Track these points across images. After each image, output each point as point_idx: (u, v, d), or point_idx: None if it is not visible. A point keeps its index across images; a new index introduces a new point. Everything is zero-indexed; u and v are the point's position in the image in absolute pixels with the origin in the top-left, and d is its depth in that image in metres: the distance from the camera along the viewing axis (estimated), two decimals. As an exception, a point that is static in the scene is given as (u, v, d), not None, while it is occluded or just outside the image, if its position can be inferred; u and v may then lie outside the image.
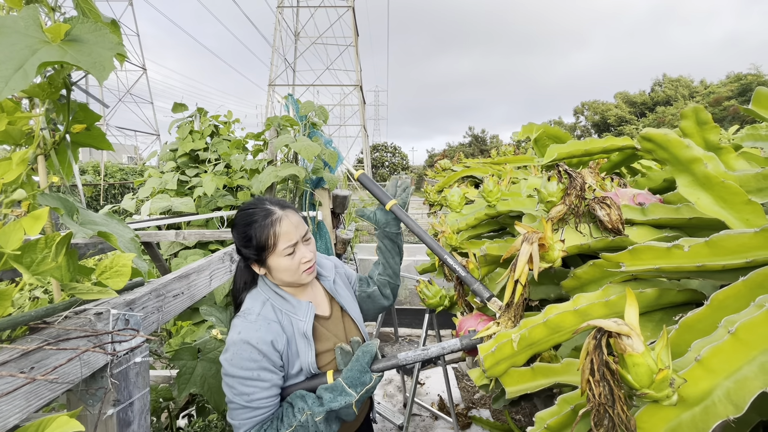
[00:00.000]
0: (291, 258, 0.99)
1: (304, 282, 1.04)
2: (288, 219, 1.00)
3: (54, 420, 0.50)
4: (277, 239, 0.97)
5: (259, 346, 0.93)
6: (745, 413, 0.43)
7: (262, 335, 0.94)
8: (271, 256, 0.98)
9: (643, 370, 0.44)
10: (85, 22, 0.67)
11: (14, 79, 0.56)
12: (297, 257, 1.00)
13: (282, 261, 0.98)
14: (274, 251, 0.98)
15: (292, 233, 0.99)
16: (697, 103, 2.72)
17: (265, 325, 0.96)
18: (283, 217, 0.99)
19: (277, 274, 1.01)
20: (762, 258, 0.54)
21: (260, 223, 0.98)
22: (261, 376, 0.93)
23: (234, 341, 0.94)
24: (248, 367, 0.92)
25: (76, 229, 0.70)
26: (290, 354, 0.98)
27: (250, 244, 0.98)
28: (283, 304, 1.02)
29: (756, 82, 26.91)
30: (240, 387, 0.92)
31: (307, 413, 0.89)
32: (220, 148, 2.95)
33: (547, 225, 0.74)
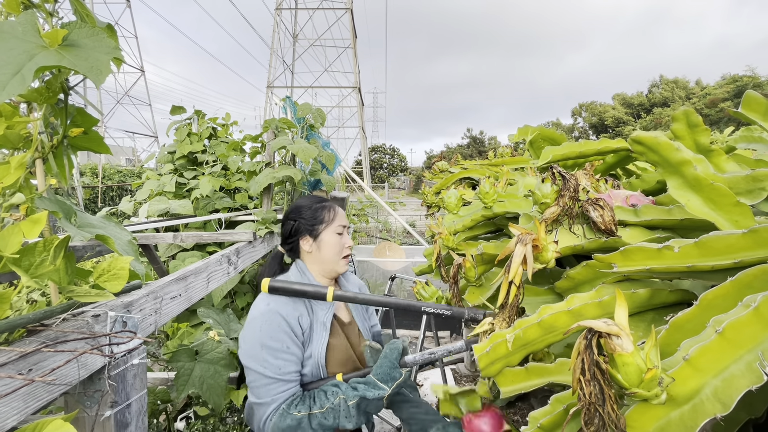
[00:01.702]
0: (339, 238, 1.15)
1: (339, 268, 1.16)
2: (340, 210, 1.21)
3: (49, 423, 0.50)
4: (334, 217, 1.17)
5: (288, 318, 1.00)
6: (733, 411, 0.44)
7: (290, 310, 1.02)
8: (326, 230, 1.14)
9: (632, 369, 0.45)
10: (83, 27, 0.67)
11: (12, 83, 0.57)
12: (343, 239, 1.16)
13: (333, 237, 1.14)
14: (330, 225, 1.15)
15: (343, 219, 1.19)
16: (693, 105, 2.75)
17: (292, 301, 1.04)
18: (337, 207, 1.20)
19: (324, 249, 1.14)
20: (750, 259, 0.55)
21: (320, 204, 1.18)
22: (290, 348, 0.99)
23: (262, 311, 1.00)
24: (279, 338, 0.97)
25: (74, 232, 0.71)
26: (307, 337, 1.04)
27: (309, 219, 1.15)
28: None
29: (751, 83, 27.05)
30: (271, 359, 0.96)
31: (341, 397, 0.92)
32: (217, 150, 2.95)
33: (541, 226, 0.75)
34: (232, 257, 1.64)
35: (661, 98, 35.71)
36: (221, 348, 1.32)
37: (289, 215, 1.19)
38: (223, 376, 1.25)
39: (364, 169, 28.68)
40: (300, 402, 0.94)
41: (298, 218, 1.17)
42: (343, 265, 1.17)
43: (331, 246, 1.14)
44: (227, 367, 1.27)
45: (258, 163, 2.76)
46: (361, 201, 10.51)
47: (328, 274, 1.16)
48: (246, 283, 2.55)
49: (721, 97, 28.08)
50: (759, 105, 0.82)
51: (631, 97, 38.54)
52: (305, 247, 1.15)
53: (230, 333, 1.67)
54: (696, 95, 32.58)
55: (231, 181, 2.89)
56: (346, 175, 6.54)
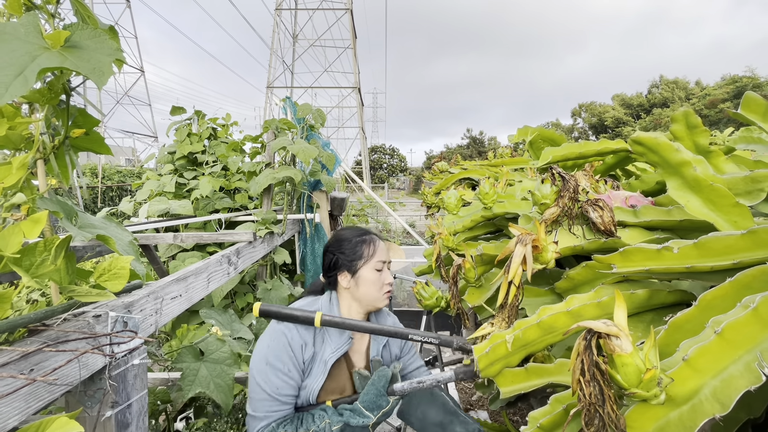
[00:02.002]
0: (379, 275, 1.11)
1: (379, 304, 1.13)
2: (382, 243, 1.16)
3: (54, 421, 0.50)
4: (374, 252, 1.12)
5: (292, 342, 1.01)
6: (732, 411, 0.44)
7: (295, 335, 1.02)
8: (364, 266, 1.11)
9: (631, 369, 0.45)
10: (84, 29, 0.68)
11: (14, 85, 0.57)
12: (383, 276, 1.12)
13: (372, 274, 1.10)
14: (369, 261, 1.11)
15: (384, 253, 1.14)
16: (692, 105, 2.75)
17: (304, 328, 1.04)
18: (378, 240, 1.16)
19: (363, 287, 1.10)
20: (748, 259, 0.56)
21: (361, 238, 1.14)
22: (291, 372, 1.00)
23: (274, 328, 1.03)
24: (282, 359, 0.99)
25: (75, 232, 0.71)
26: (308, 367, 1.04)
27: (348, 254, 1.11)
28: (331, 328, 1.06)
29: (751, 84, 27.06)
30: (272, 377, 0.98)
31: (327, 421, 0.94)
32: (217, 150, 2.95)
33: (540, 227, 0.75)
34: (233, 257, 1.65)
35: (661, 99, 35.72)
36: (225, 348, 1.32)
37: (328, 248, 1.16)
38: (229, 375, 1.25)
39: (364, 170, 28.69)
40: (288, 423, 0.97)
41: (337, 252, 1.13)
42: (383, 300, 1.13)
43: (370, 283, 1.10)
44: (233, 366, 1.27)
45: (258, 163, 2.77)
46: (361, 201, 10.52)
47: (365, 309, 1.13)
48: (246, 283, 2.55)
49: (720, 97, 28.09)
50: (758, 106, 0.82)
51: (630, 97, 38.55)
52: (343, 283, 1.12)
53: (233, 333, 1.67)
54: (696, 96, 32.61)
55: (231, 182, 2.89)
56: (346, 175, 6.54)
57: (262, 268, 2.51)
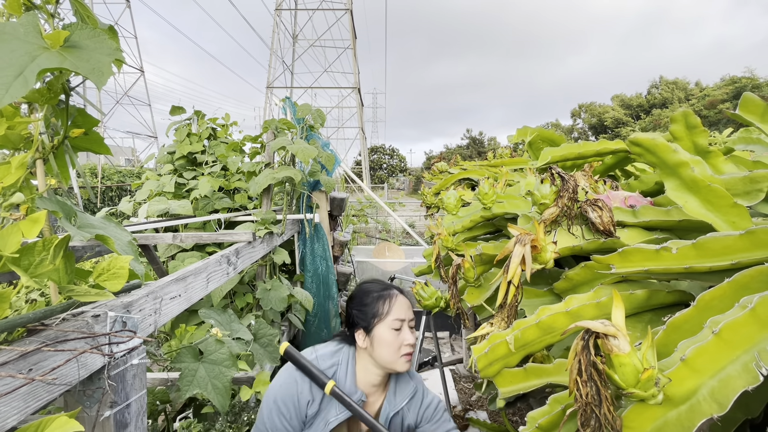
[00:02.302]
0: (396, 334, 1.03)
1: (398, 368, 1.04)
2: (402, 298, 1.08)
3: (53, 420, 0.50)
4: (390, 309, 1.04)
5: (300, 395, 1.02)
6: (730, 412, 0.45)
7: (305, 389, 1.03)
8: (379, 325, 1.04)
9: (629, 369, 0.45)
10: (84, 29, 0.68)
11: (14, 85, 0.57)
12: (401, 336, 1.04)
13: (388, 334, 1.03)
14: (385, 320, 1.04)
15: (403, 310, 1.06)
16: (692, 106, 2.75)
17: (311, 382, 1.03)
18: (398, 295, 1.08)
19: (378, 348, 1.03)
20: (747, 260, 0.56)
21: (378, 293, 1.07)
22: (292, 420, 1.02)
23: (290, 373, 1.04)
24: (287, 405, 1.01)
25: (74, 232, 0.71)
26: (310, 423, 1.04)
27: (366, 309, 1.05)
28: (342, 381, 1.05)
29: (750, 84, 27.08)
30: (275, 416, 1.01)
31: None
32: (217, 150, 2.95)
33: (539, 227, 0.75)
34: (232, 258, 1.65)
35: (661, 99, 35.75)
36: (224, 349, 1.32)
37: (348, 301, 1.12)
38: (227, 376, 1.25)
39: (364, 170, 28.69)
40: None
41: (354, 308, 1.09)
42: (402, 363, 1.04)
43: (386, 344, 1.02)
44: (231, 368, 1.27)
45: (257, 163, 2.77)
46: (361, 201, 10.52)
47: (382, 371, 1.07)
48: (245, 283, 2.55)
49: (720, 98, 28.11)
50: (756, 107, 0.82)
51: (630, 98, 38.58)
52: (359, 342, 1.08)
53: (233, 333, 1.67)
54: (695, 96, 32.63)
55: (230, 182, 2.89)
56: (346, 175, 6.54)
57: (262, 269, 2.51)
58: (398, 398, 1.11)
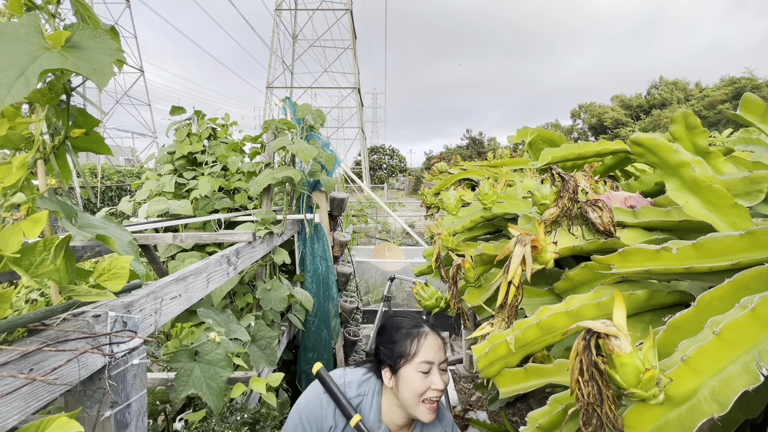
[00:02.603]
0: (423, 378, 0.96)
1: (419, 415, 0.96)
2: (433, 338, 1.02)
3: (54, 420, 0.50)
4: (418, 350, 0.98)
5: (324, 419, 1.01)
6: (730, 412, 0.45)
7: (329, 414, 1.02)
8: (406, 366, 0.97)
9: (630, 370, 0.45)
10: (85, 29, 0.68)
11: (16, 86, 0.57)
12: (429, 380, 0.96)
13: (414, 376, 0.96)
14: (412, 361, 0.97)
15: (433, 352, 0.99)
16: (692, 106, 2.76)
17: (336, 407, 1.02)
18: (429, 334, 1.02)
19: (403, 390, 0.97)
20: (747, 260, 0.56)
21: (407, 330, 1.01)
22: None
23: (317, 393, 1.05)
24: (309, 421, 1.03)
25: (75, 232, 0.71)
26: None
27: (393, 347, 1.00)
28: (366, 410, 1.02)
29: (750, 85, 27.10)
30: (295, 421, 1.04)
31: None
32: (217, 150, 2.95)
33: (540, 227, 0.75)
34: (232, 258, 1.65)
35: (660, 100, 35.77)
36: (220, 350, 1.32)
37: (378, 335, 1.07)
38: (222, 377, 1.25)
39: (364, 170, 28.68)
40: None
41: (382, 344, 1.04)
42: (424, 412, 0.96)
43: (410, 387, 0.96)
44: (226, 369, 1.27)
45: (258, 163, 2.77)
46: (361, 202, 10.52)
47: (406, 414, 1.00)
48: (245, 283, 2.55)
49: (719, 98, 28.13)
50: (757, 107, 0.82)
51: (630, 98, 38.60)
52: (385, 380, 1.03)
53: (230, 333, 1.67)
54: (695, 97, 32.65)
55: (230, 182, 2.89)
56: (346, 175, 6.54)
57: (262, 269, 2.51)
58: None
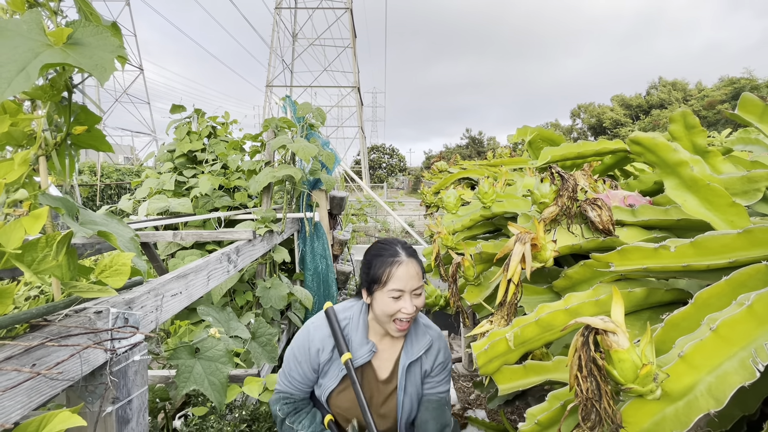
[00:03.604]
0: (394, 302, 1.04)
1: (391, 332, 1.09)
2: (408, 266, 1.06)
3: (56, 415, 0.51)
4: (390, 278, 1.04)
5: (311, 344, 1.12)
6: (727, 408, 0.45)
7: (317, 339, 1.12)
8: (379, 291, 1.06)
9: (628, 365, 0.46)
10: (87, 26, 0.68)
11: (17, 80, 0.57)
12: (399, 304, 1.04)
13: (385, 300, 1.05)
14: (384, 288, 1.05)
15: (406, 280, 1.04)
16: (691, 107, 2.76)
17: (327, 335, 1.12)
18: (404, 263, 1.06)
19: (377, 309, 1.08)
20: (744, 258, 0.56)
21: (384, 258, 1.07)
22: (302, 365, 1.13)
23: (307, 326, 1.17)
24: (301, 352, 1.14)
25: (77, 228, 0.71)
26: (325, 370, 1.14)
27: (369, 273, 1.08)
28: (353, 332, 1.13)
29: (749, 85, 27.13)
30: (290, 359, 1.15)
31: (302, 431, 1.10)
32: (217, 148, 2.95)
33: (539, 225, 0.75)
34: (232, 256, 1.65)
35: (659, 100, 35.78)
36: (221, 345, 1.32)
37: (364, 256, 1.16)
38: (223, 372, 1.25)
39: (363, 169, 28.66)
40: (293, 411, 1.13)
41: (363, 267, 1.13)
42: (393, 329, 1.07)
43: (381, 309, 1.06)
44: (227, 365, 1.28)
45: (258, 162, 2.77)
46: (360, 201, 10.52)
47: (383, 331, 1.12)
48: (245, 281, 2.56)
49: (718, 99, 28.16)
50: (755, 107, 0.83)
51: (629, 98, 38.60)
52: (364, 297, 1.13)
53: (230, 331, 1.67)
54: (694, 97, 32.68)
55: (230, 180, 2.90)
56: (346, 174, 6.54)
57: (262, 267, 2.51)
58: (415, 349, 1.14)
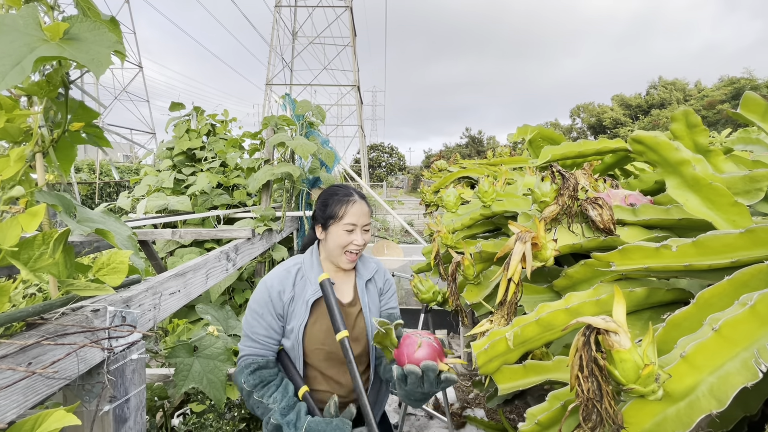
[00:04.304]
0: (348, 234, 1.17)
1: (341, 265, 1.19)
2: (360, 206, 1.19)
3: (52, 414, 0.50)
4: (345, 214, 1.17)
5: (271, 290, 1.13)
6: (728, 408, 0.45)
7: (275, 283, 1.14)
8: (334, 225, 1.17)
9: (629, 365, 0.45)
10: (84, 21, 0.67)
11: (11, 74, 0.56)
12: (351, 237, 1.17)
13: (340, 233, 1.17)
14: (339, 222, 1.17)
15: (358, 216, 1.17)
16: (691, 106, 2.75)
17: (284, 275, 1.16)
18: (357, 202, 1.19)
19: (330, 243, 1.18)
20: (746, 258, 0.56)
21: (339, 197, 1.19)
22: (264, 315, 1.12)
23: (263, 280, 1.16)
24: (260, 303, 1.12)
25: (74, 226, 0.71)
26: (290, 311, 1.15)
27: (326, 209, 1.19)
28: (308, 271, 1.19)
29: (749, 85, 27.15)
30: (250, 318, 1.13)
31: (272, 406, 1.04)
32: (216, 146, 2.94)
33: (540, 225, 0.75)
34: (231, 254, 1.64)
35: (659, 100, 35.78)
36: (219, 343, 1.32)
37: (317, 198, 1.25)
38: (222, 370, 1.25)
39: (363, 168, 28.64)
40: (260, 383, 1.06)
41: (318, 205, 1.23)
42: (344, 261, 1.18)
43: (334, 240, 1.17)
44: (226, 363, 1.27)
45: (257, 160, 2.76)
46: (360, 199, 10.47)
47: (333, 263, 1.22)
48: (244, 280, 2.55)
49: (718, 99, 28.18)
50: (757, 106, 0.82)
51: (629, 98, 38.61)
52: (317, 233, 1.23)
53: (228, 329, 1.67)
54: (694, 97, 32.69)
55: (229, 178, 2.89)
56: (345, 173, 6.52)
57: (261, 265, 2.51)
58: (366, 271, 1.27)
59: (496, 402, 1.54)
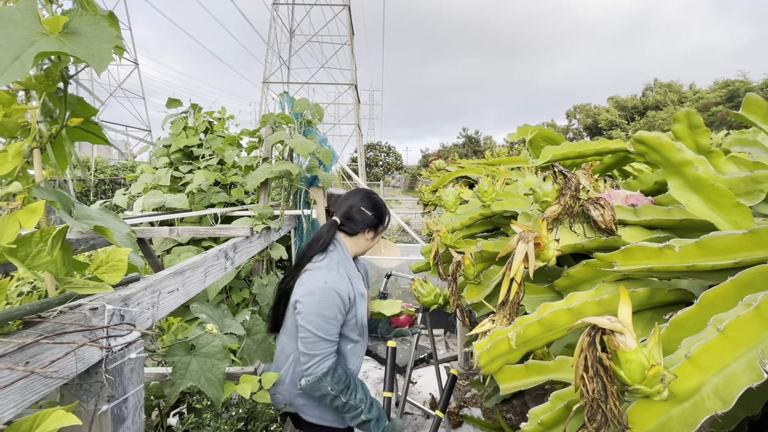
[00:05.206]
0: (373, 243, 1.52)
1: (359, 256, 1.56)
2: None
3: (50, 414, 0.50)
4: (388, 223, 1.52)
5: (341, 293, 1.29)
6: (731, 409, 0.45)
7: (343, 286, 1.31)
8: (379, 230, 1.50)
9: (635, 366, 0.45)
10: (84, 15, 0.66)
11: (11, 69, 0.55)
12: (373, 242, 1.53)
13: (377, 237, 1.51)
14: (382, 228, 1.51)
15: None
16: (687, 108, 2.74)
17: (344, 280, 1.33)
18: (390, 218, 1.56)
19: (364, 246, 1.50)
20: (749, 259, 0.56)
21: (384, 207, 1.52)
22: (338, 317, 1.29)
23: (321, 287, 1.29)
24: (332, 309, 1.28)
25: (72, 223, 0.70)
26: (352, 305, 1.35)
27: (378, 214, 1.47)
28: (350, 269, 1.41)
29: (744, 88, 27.40)
30: (324, 324, 1.27)
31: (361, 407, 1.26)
32: (213, 144, 2.92)
33: (543, 224, 0.75)
34: (230, 252, 1.63)
35: (654, 101, 35.99)
36: (217, 342, 1.31)
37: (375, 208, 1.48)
38: (220, 368, 1.24)
39: (360, 167, 28.59)
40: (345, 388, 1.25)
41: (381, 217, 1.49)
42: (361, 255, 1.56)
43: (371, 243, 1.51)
44: (224, 361, 1.27)
45: (255, 158, 2.74)
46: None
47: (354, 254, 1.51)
48: (242, 278, 2.54)
49: (713, 101, 28.40)
50: (759, 107, 0.83)
51: (625, 99, 38.80)
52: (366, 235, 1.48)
53: (224, 328, 1.65)
54: (689, 99, 32.92)
55: (227, 176, 2.87)
56: (343, 172, 6.52)
57: (259, 264, 2.50)
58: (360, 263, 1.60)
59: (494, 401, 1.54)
